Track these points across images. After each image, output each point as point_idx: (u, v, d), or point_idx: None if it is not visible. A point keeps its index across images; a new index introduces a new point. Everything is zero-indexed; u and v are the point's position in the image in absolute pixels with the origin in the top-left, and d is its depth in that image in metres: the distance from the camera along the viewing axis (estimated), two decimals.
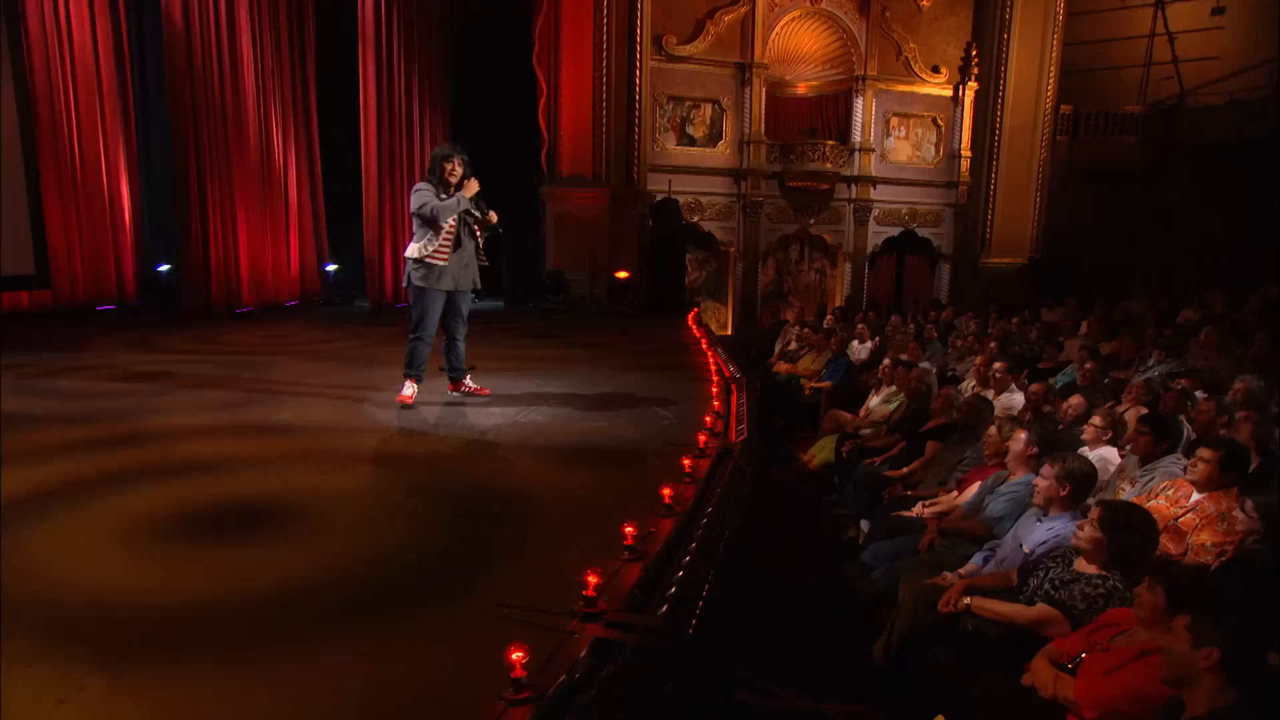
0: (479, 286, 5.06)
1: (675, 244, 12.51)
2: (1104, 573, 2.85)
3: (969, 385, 6.78)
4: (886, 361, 6.78)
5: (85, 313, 8.95)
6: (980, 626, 3.01)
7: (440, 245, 4.68)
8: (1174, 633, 2.11)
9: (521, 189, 12.40)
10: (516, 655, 1.82)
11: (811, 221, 15.43)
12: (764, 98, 14.73)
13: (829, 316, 10.91)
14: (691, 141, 14.48)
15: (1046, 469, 3.39)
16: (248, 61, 9.76)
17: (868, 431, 6.28)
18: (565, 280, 11.58)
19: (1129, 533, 2.84)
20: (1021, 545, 3.41)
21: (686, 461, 3.40)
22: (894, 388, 6.40)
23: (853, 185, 15.51)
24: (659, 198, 12.84)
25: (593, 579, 2.22)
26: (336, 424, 4.45)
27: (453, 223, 4.69)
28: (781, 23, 14.74)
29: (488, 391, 5.14)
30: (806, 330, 9.63)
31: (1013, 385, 6.18)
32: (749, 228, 14.92)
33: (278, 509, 3.04)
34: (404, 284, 4.92)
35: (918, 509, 4.42)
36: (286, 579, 2.44)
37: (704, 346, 6.96)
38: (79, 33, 9.15)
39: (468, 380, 5.19)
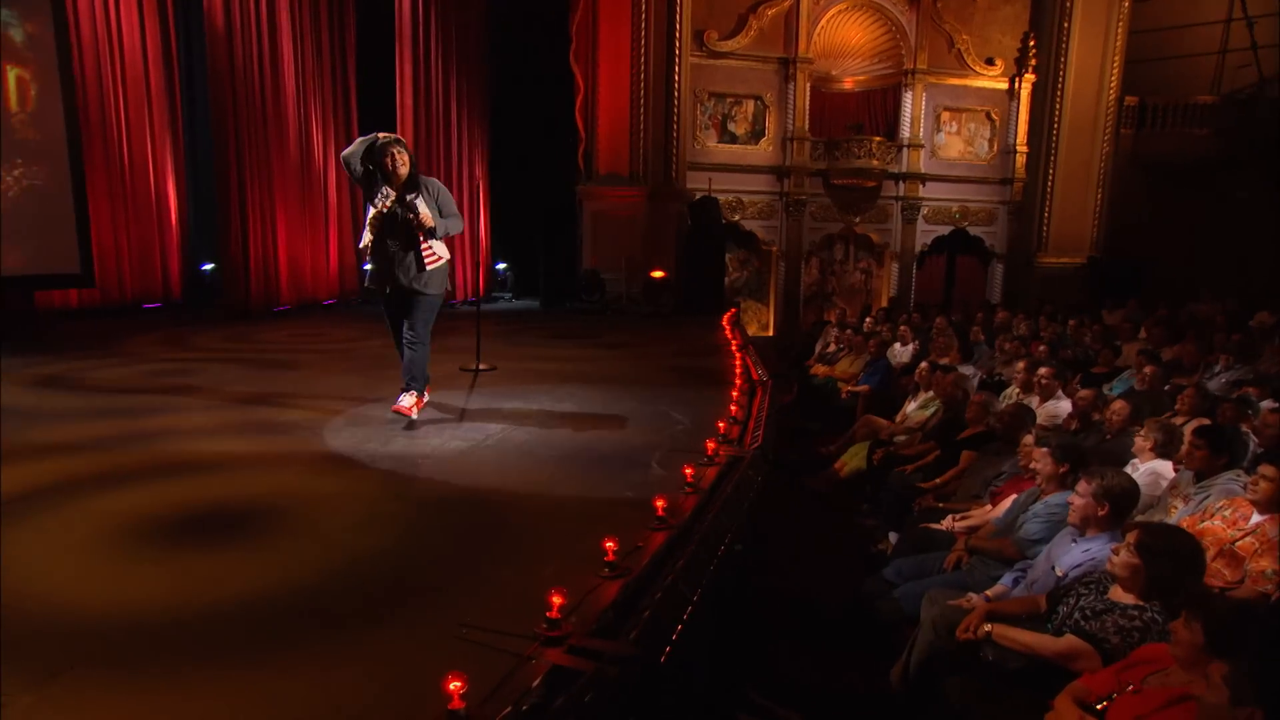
0: (422, 289, 4.30)
1: (714, 243, 12.27)
2: (1141, 603, 2.57)
3: (1013, 391, 6.42)
4: (924, 365, 6.46)
5: (131, 311, 9.17)
6: (1001, 657, 2.75)
7: (363, 245, 4.30)
8: (1210, 681, 1.84)
9: (558, 188, 12.32)
10: (454, 685, 1.67)
11: (857, 220, 15.02)
12: (808, 93, 14.39)
13: (869, 318, 10.53)
14: (733, 139, 14.22)
15: (1082, 485, 3.10)
16: (288, 63, 9.88)
17: (902, 438, 5.98)
18: (600, 279, 11.45)
19: (1170, 559, 2.55)
20: (1054, 568, 3.13)
21: (689, 470, 3.21)
22: (931, 393, 6.08)
23: (900, 182, 15.05)
24: (698, 196, 12.62)
25: (557, 599, 2.05)
26: (339, 426, 4.38)
27: (373, 222, 4.16)
28: (827, 16, 14.38)
29: (412, 413, 4.29)
30: (846, 332, 9.30)
31: (1060, 392, 5.82)
32: (792, 226, 14.58)
33: (259, 512, 2.95)
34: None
35: (947, 522, 4.14)
36: (250, 586, 2.34)
37: (733, 349, 6.74)
38: (129, 38, 9.39)
39: (404, 397, 4.34)
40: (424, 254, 4.25)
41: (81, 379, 5.42)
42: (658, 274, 11.38)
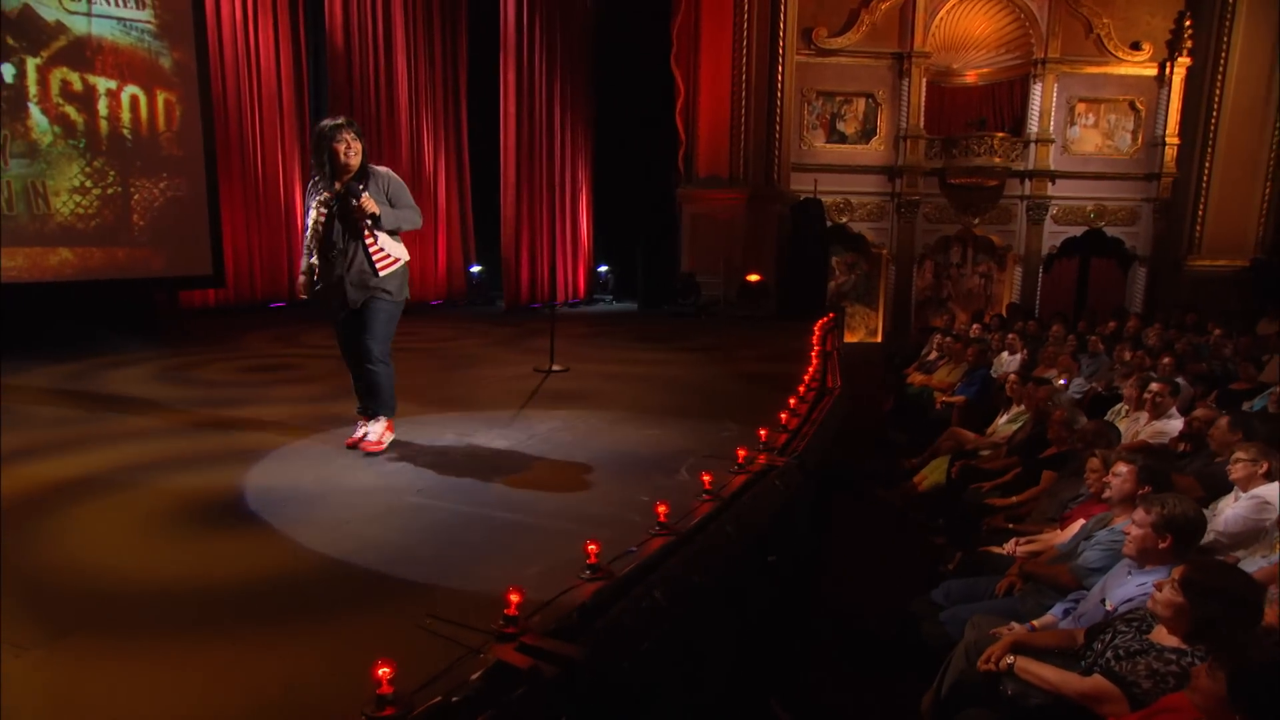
0: (370, 299, 3.71)
1: (817, 246, 11.94)
2: (1184, 646, 2.29)
3: (1122, 408, 5.88)
4: (1013, 376, 6.02)
5: (259, 309, 10.01)
6: (1023, 692, 2.53)
7: (307, 248, 3.68)
8: None
9: (659, 191, 12.38)
10: (383, 671, 1.71)
11: (976, 221, 14.20)
12: (924, 89, 13.76)
13: (975, 325, 9.91)
14: (842, 138, 13.81)
15: (1140, 514, 2.79)
16: (402, 77, 10.48)
17: (986, 453, 5.60)
18: (696, 283, 11.41)
19: (1219, 600, 2.25)
20: (1104, 601, 2.84)
21: (706, 478, 3.14)
22: (1021, 406, 5.66)
23: (1026, 181, 14.10)
24: (802, 198, 12.33)
25: (514, 597, 2.06)
26: (402, 415, 4.59)
27: (316, 225, 3.58)
28: (946, 7, 13.69)
29: (381, 446, 3.79)
30: (947, 339, 8.81)
31: (1173, 410, 5.27)
32: (903, 228, 13.98)
33: (295, 499, 3.15)
34: None
35: (1010, 545, 3.85)
36: (256, 568, 2.50)
37: (813, 357, 6.53)
38: (265, 60, 10.25)
39: (371, 426, 3.84)
40: (373, 252, 3.61)
41: (191, 371, 5.97)
42: (753, 277, 11.20)
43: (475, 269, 12.30)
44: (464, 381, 5.85)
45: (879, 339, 14.08)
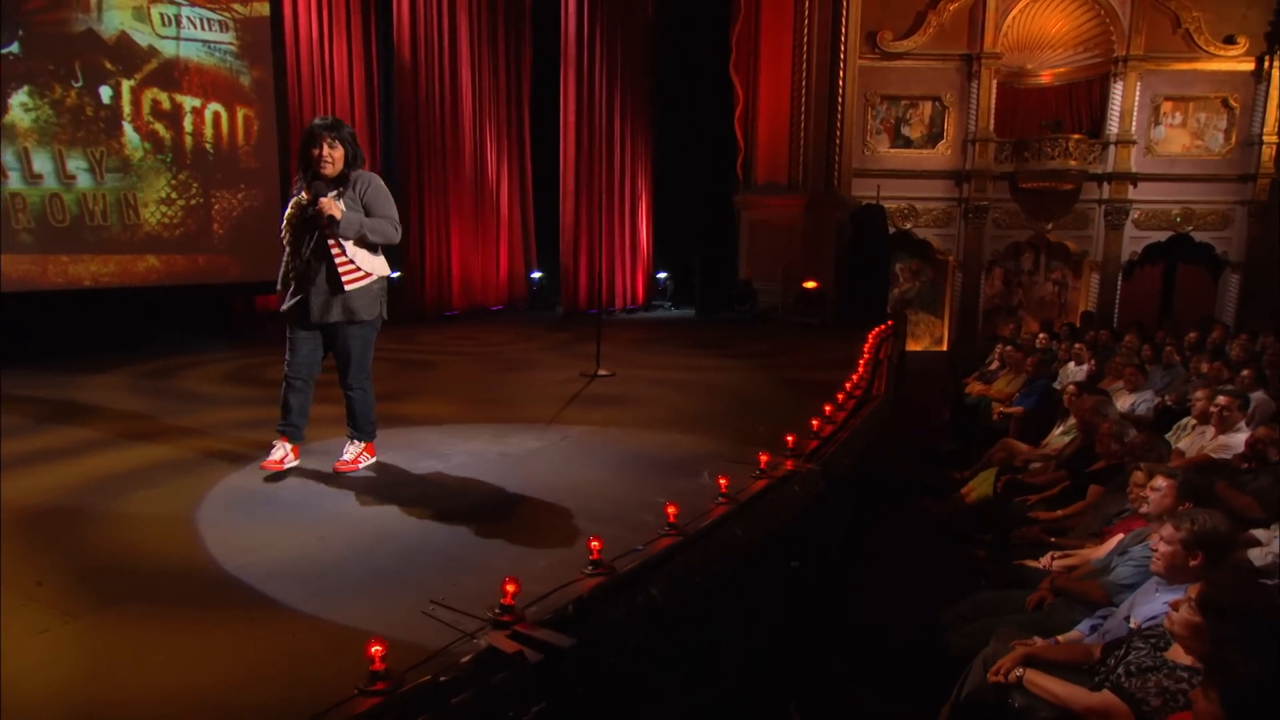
0: (352, 315, 3.42)
1: (877, 252, 11.74)
2: (1198, 666, 2.20)
3: (1188, 422, 5.61)
4: (1070, 387, 5.80)
5: None
6: (1030, 706, 2.47)
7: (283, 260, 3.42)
8: None
9: (718, 198, 12.40)
10: (375, 649, 1.82)
11: (1049, 226, 13.69)
12: (994, 91, 13.37)
13: (1042, 334, 9.56)
14: (907, 143, 13.54)
15: (1168, 530, 2.69)
16: (466, 88, 10.83)
17: (1037, 466, 5.42)
18: (753, 289, 11.37)
19: (1238, 619, 2.16)
20: (1129, 619, 2.74)
21: (723, 481, 3.17)
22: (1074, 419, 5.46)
23: (1105, 184, 13.52)
24: (863, 204, 12.14)
25: (510, 587, 2.15)
26: (444, 417, 4.77)
27: (284, 229, 3.41)
28: (1019, 6, 13.28)
29: (356, 466, 3.58)
30: (1008, 348, 8.53)
31: (1241, 424, 5.00)
32: (971, 234, 13.59)
33: (327, 491, 3.33)
34: None
35: (1045, 560, 3.73)
36: (282, 554, 2.66)
37: (860, 364, 6.44)
38: (339, 76, 10.73)
39: (348, 447, 3.61)
40: (338, 263, 3.30)
41: (261, 372, 6.31)
42: (810, 284, 11.09)
43: (536, 275, 12.57)
44: (510, 385, 6.02)
45: (944, 348, 13.71)
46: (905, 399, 9.78)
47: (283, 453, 3.49)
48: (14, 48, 6.65)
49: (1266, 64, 13.29)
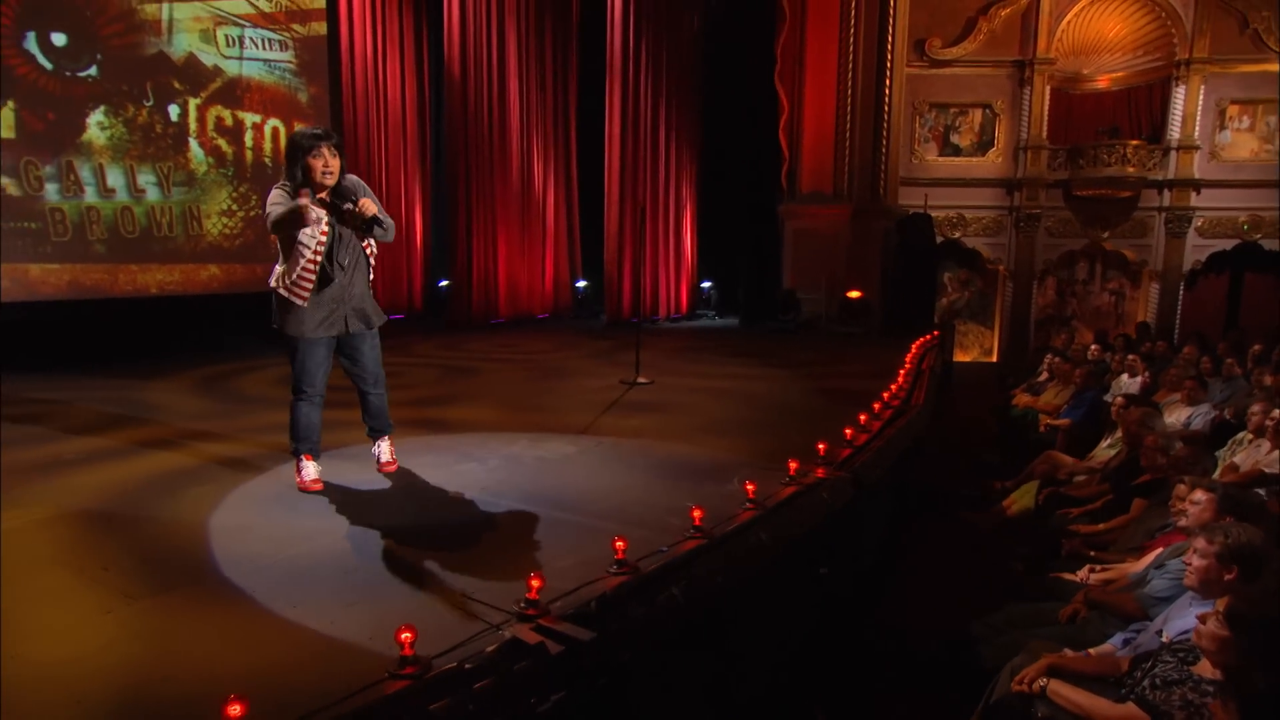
0: (373, 321, 3.49)
1: (924, 262, 11.60)
2: (1224, 680, 2.17)
3: (1244, 436, 5.44)
4: (1119, 399, 5.67)
5: None
6: (1052, 716, 2.46)
7: (301, 275, 3.21)
8: None
9: (762, 208, 12.41)
10: (405, 636, 1.93)
11: (1105, 235, 13.34)
12: (1047, 97, 13.11)
13: (1094, 345, 9.32)
14: (956, 151, 13.36)
15: (1202, 543, 2.65)
16: (514, 101, 11.08)
17: (1081, 478, 5.32)
18: (796, 299, 11.34)
19: (1265, 633, 2.13)
20: (1160, 633, 2.71)
21: (750, 486, 3.22)
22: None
23: (1165, 191, 13.13)
24: (910, 213, 12.02)
25: (535, 582, 2.24)
26: (485, 422, 4.91)
27: (318, 246, 3.20)
28: (1075, 9, 13.02)
29: (395, 466, 3.74)
30: (1056, 359, 8.35)
31: None
32: (1022, 243, 13.32)
33: (367, 489, 3.48)
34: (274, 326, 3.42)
35: (1082, 573, 3.68)
36: (324, 548, 2.80)
37: (900, 375, 6.40)
38: (392, 91, 11.12)
39: (380, 446, 3.75)
40: (371, 268, 3.43)
41: None
42: (854, 294, 11.01)
43: (580, 284, 12.74)
44: (550, 392, 6.14)
45: (994, 359, 13.45)
46: (951, 410, 9.64)
47: (316, 471, 3.49)
48: (93, 70, 7.08)
49: None
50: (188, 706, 1.82)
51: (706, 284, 13.71)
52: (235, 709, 1.61)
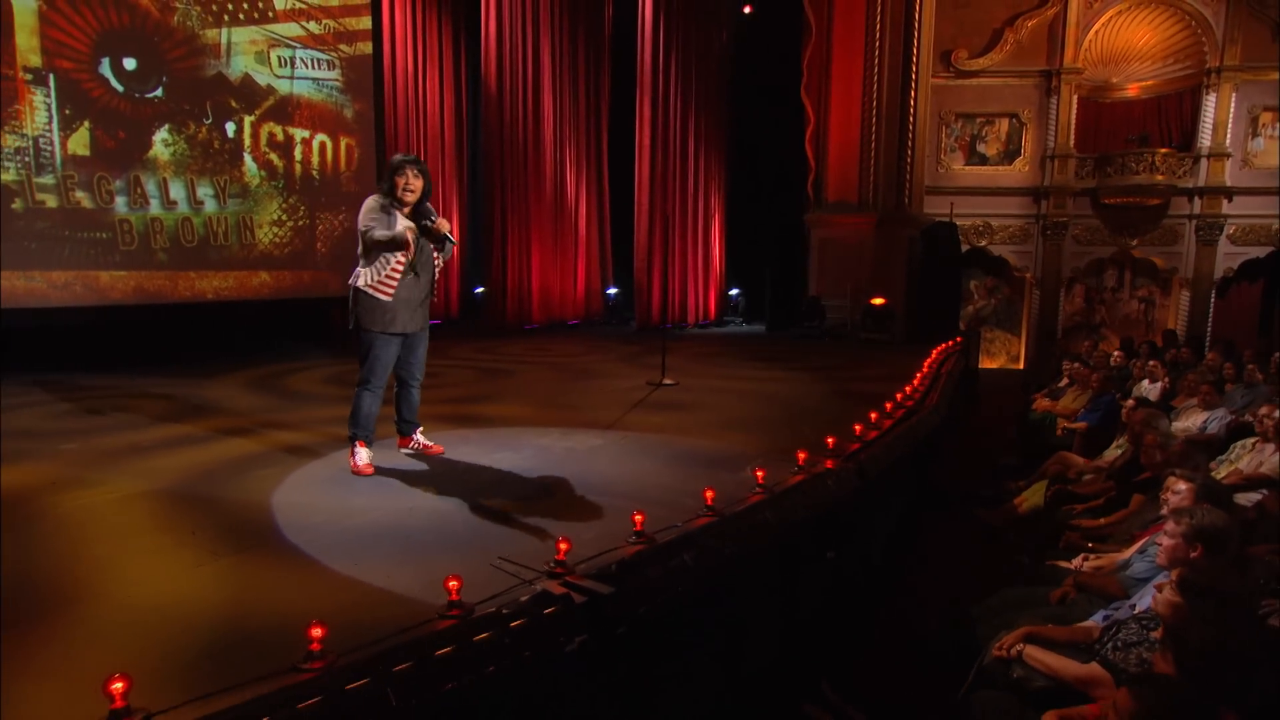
0: (428, 316, 4.06)
1: (949, 269, 11.77)
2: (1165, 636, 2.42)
3: (1251, 441, 5.59)
4: (1129, 403, 5.85)
5: None
6: (1028, 676, 2.72)
7: (388, 275, 3.74)
8: (1119, 698, 1.86)
9: (789, 217, 12.68)
10: (453, 584, 2.27)
11: (1134, 243, 13.36)
12: (1074, 106, 13.21)
13: (1117, 352, 9.42)
14: (983, 160, 13.50)
15: (1171, 525, 2.89)
16: (548, 114, 11.52)
17: (1089, 477, 5.51)
18: (821, 306, 11.57)
19: (1215, 600, 2.37)
20: (1134, 607, 2.95)
21: (759, 473, 3.51)
22: None
23: (1196, 198, 13.13)
24: (936, 221, 12.20)
25: (563, 545, 2.57)
26: (519, 417, 5.26)
27: (404, 254, 3.75)
28: (1103, 19, 13.12)
29: (441, 449, 4.19)
30: (1075, 365, 8.49)
31: None
32: (1049, 251, 13.40)
33: (413, 471, 3.84)
34: (350, 323, 3.87)
35: (1076, 561, 3.91)
36: (377, 519, 3.16)
37: (916, 378, 6.62)
38: (431, 106, 11.64)
39: (419, 435, 4.19)
40: (437, 276, 4.00)
41: (355, 377, 6.98)
42: (877, 301, 11.21)
43: (612, 291, 13.11)
44: (580, 391, 6.49)
45: (1020, 365, 13.52)
46: (975, 415, 9.80)
47: (369, 456, 3.85)
48: (159, 92, 7.63)
49: None
50: (274, 633, 2.17)
51: (735, 291, 14.00)
52: (317, 630, 1.96)
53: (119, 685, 1.73)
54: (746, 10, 12.98)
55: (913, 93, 11.93)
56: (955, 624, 3.88)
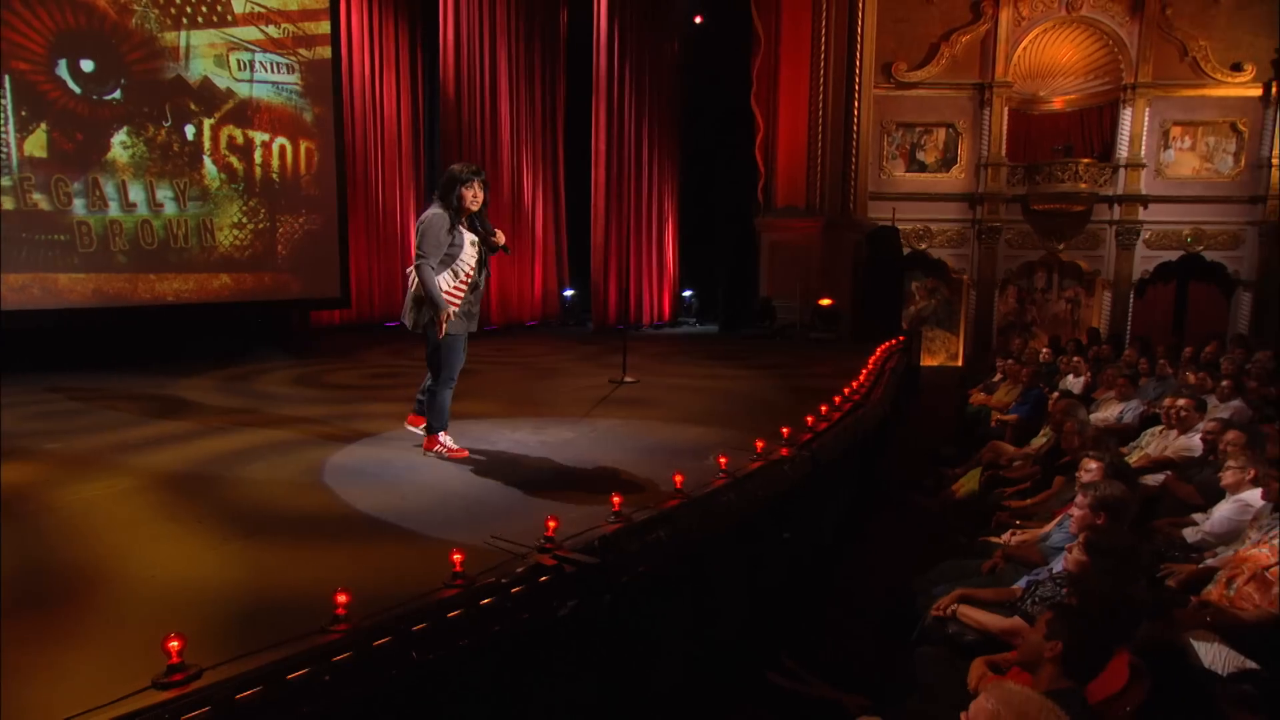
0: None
1: (891, 272, 12.36)
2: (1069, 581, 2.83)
3: (1159, 429, 6.17)
4: (1055, 395, 6.38)
5: (377, 327, 11.36)
6: (961, 631, 3.11)
7: (458, 285, 4.06)
8: (1035, 625, 2.23)
9: (740, 221, 13.12)
10: (457, 556, 2.54)
11: (1061, 246, 14.19)
12: (1005, 118, 13.98)
13: (1045, 349, 10.09)
14: (922, 167, 14.17)
15: (1080, 497, 3.32)
16: (505, 121, 11.73)
17: (1018, 463, 6.01)
18: (773, 307, 12.03)
19: (1112, 557, 2.79)
20: (1051, 570, 3.37)
21: (723, 460, 3.85)
22: None
23: (1115, 205, 14.02)
24: (879, 225, 12.77)
25: (552, 523, 2.86)
26: (491, 413, 5.51)
27: (471, 267, 4.09)
28: (1030, 36, 13.91)
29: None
30: (1008, 361, 9.09)
31: (1199, 425, 5.56)
32: (984, 254, 14.14)
33: (397, 464, 4.07)
34: (409, 324, 4.11)
35: (1005, 537, 4.36)
36: (372, 506, 3.40)
37: (862, 374, 7.07)
38: (388, 111, 11.72)
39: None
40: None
41: (322, 377, 7.12)
42: (825, 302, 11.73)
43: (568, 292, 13.36)
44: (545, 389, 6.75)
45: (959, 363, 14.22)
46: (916, 410, 10.35)
47: (453, 441, 4.30)
48: (117, 94, 7.61)
49: (1274, 89, 13.75)
50: (296, 603, 2.41)
51: (688, 292, 14.39)
52: (342, 596, 2.21)
53: (175, 643, 1.96)
54: (698, 20, 13.37)
55: (856, 103, 12.49)
56: (898, 596, 4.29)
